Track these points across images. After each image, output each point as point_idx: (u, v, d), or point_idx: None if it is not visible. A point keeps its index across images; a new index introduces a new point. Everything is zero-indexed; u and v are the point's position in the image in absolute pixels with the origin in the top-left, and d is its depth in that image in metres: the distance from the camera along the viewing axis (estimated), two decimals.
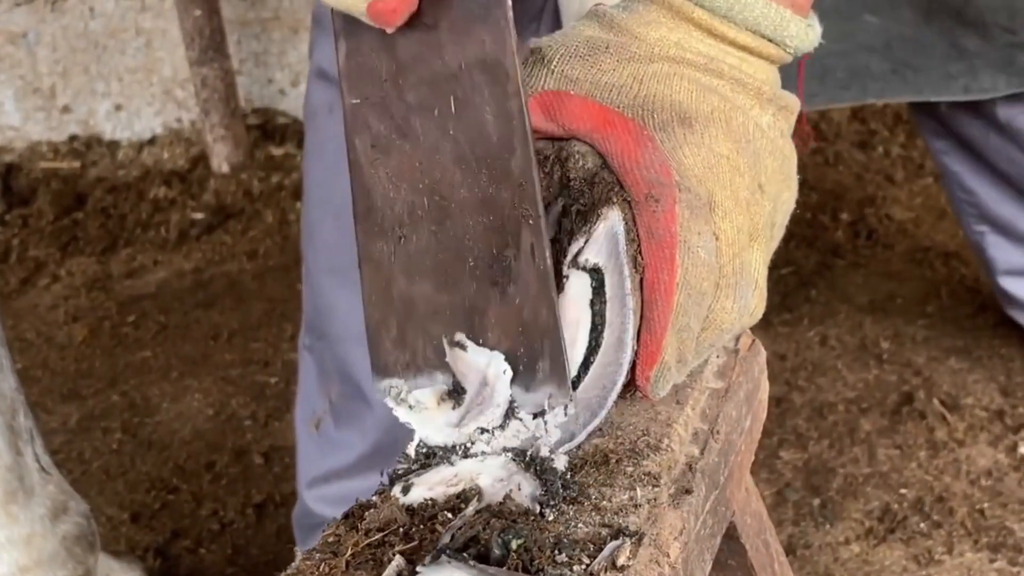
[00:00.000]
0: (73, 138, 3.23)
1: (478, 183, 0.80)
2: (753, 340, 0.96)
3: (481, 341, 0.81)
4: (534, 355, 0.80)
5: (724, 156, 0.85)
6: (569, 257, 0.82)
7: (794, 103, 0.91)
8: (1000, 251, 1.95)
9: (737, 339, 0.94)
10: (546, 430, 0.80)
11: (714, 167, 0.84)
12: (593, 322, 0.82)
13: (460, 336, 0.81)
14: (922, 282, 2.28)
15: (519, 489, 0.76)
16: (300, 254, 2.54)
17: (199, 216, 2.90)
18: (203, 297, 2.59)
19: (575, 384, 0.81)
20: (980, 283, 2.23)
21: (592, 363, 0.81)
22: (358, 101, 0.82)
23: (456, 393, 0.81)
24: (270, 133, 3.14)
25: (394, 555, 0.72)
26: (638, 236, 0.82)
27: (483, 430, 0.80)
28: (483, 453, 0.80)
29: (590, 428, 0.81)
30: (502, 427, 0.80)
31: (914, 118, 1.99)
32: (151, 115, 3.22)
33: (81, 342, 2.47)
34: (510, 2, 0.78)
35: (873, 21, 1.68)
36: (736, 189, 0.85)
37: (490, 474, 0.78)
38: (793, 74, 1.00)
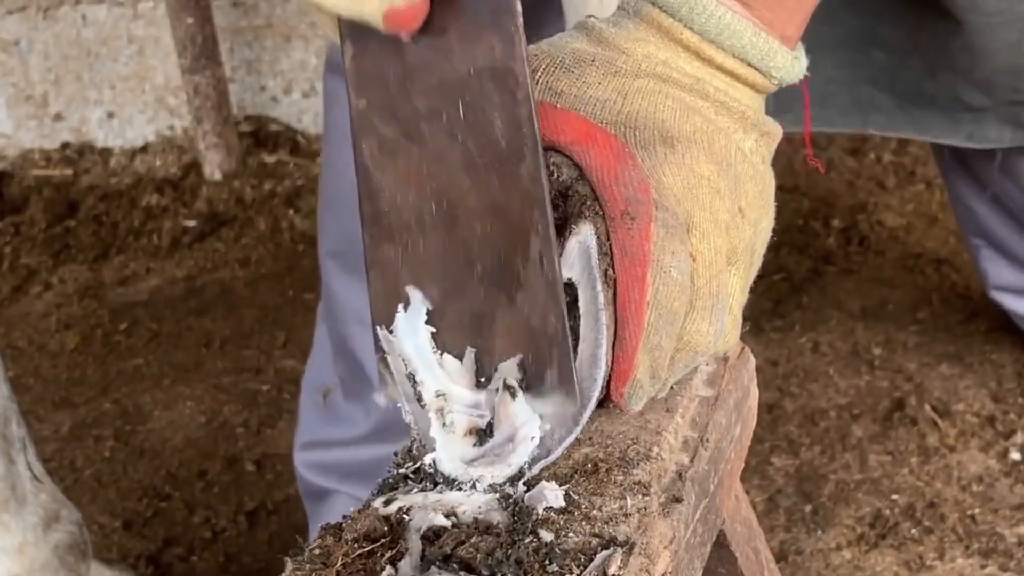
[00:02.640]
0: (65, 146, 3.23)
1: (487, 189, 0.79)
2: (743, 348, 0.96)
3: (488, 349, 0.80)
4: (542, 363, 0.80)
5: (705, 177, 0.85)
6: None
7: (776, 130, 0.91)
8: (993, 266, 1.96)
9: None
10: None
11: (694, 188, 0.84)
12: None
13: (513, 381, 0.80)
14: (914, 288, 2.28)
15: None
16: (293, 262, 2.55)
17: (191, 223, 2.90)
18: (195, 304, 2.59)
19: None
20: (971, 290, 2.23)
21: None
22: (365, 104, 0.81)
23: (485, 433, 0.81)
24: (263, 140, 3.14)
25: (385, 565, 0.72)
26: (611, 252, 0.82)
27: (491, 487, 0.79)
28: (472, 487, 0.79)
29: (566, 444, 0.81)
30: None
31: None
32: (143, 123, 3.22)
33: (73, 350, 2.46)
34: (520, 8, 0.78)
35: (881, 58, 1.67)
36: (716, 211, 0.85)
37: (471, 508, 0.78)
38: (796, 97, 1.00)
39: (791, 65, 0.90)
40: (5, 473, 1.36)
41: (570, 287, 0.81)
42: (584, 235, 0.81)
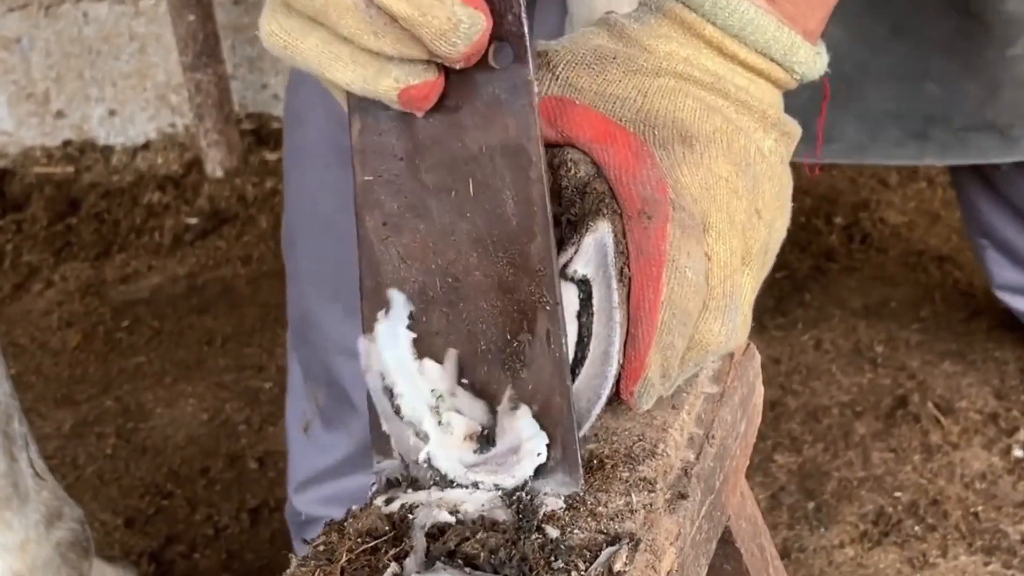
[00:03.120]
0: (67, 143, 3.23)
1: (494, 267, 0.79)
2: (748, 344, 0.96)
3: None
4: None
5: (723, 178, 0.84)
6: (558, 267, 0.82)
7: (796, 130, 0.91)
8: (998, 267, 1.96)
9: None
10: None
11: (711, 188, 0.84)
12: (580, 334, 0.81)
13: (520, 402, 0.80)
14: (916, 286, 2.28)
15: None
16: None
17: (193, 221, 2.89)
18: (197, 302, 2.59)
19: None
20: (974, 287, 2.23)
21: (578, 375, 0.81)
22: (371, 178, 0.80)
23: (485, 441, 0.81)
24: (264, 138, 3.14)
25: (389, 561, 0.72)
26: (627, 250, 0.82)
27: (495, 486, 0.79)
28: (473, 486, 0.79)
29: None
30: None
31: None
32: (145, 120, 3.22)
33: (75, 347, 2.46)
34: (536, 89, 0.77)
35: (935, 90, 1.64)
36: (732, 211, 0.84)
37: (475, 505, 0.77)
38: (844, 126, 0.98)
39: (813, 60, 0.90)
40: (7, 471, 1.36)
41: (584, 284, 0.81)
42: (601, 232, 0.81)
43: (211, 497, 1.99)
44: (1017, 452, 1.84)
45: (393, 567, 0.71)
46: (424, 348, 0.81)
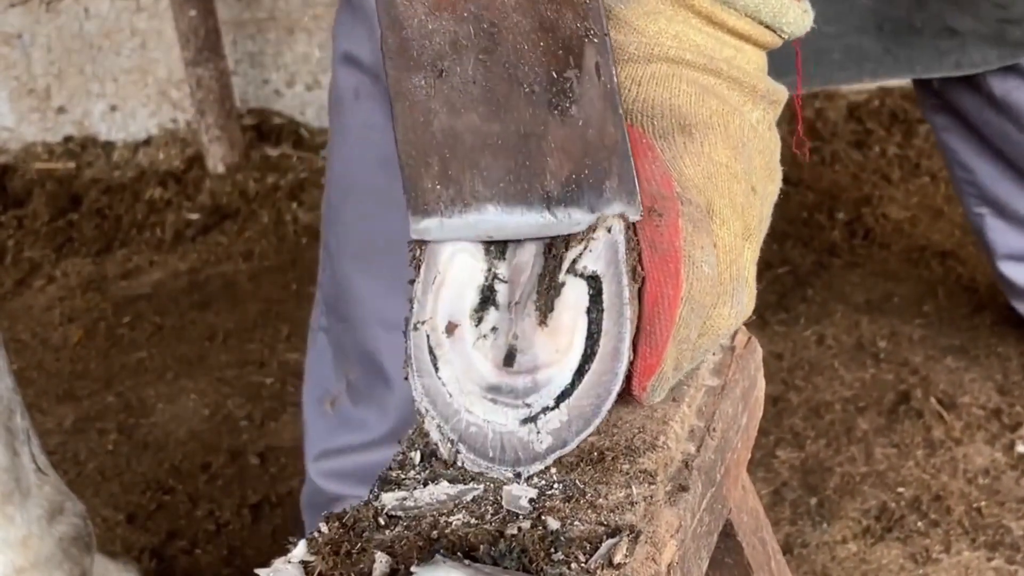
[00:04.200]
0: (68, 139, 3.23)
1: (534, 6, 0.77)
2: (749, 338, 0.96)
3: (540, 167, 0.78)
4: (600, 174, 0.78)
5: (723, 164, 0.85)
6: (566, 264, 0.81)
7: (783, 95, 0.91)
8: (999, 234, 1.95)
9: (733, 336, 0.94)
10: (538, 436, 0.79)
11: (713, 176, 0.84)
12: (589, 330, 0.81)
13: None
14: (919, 281, 2.28)
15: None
16: (296, 255, 2.53)
17: (194, 217, 2.89)
18: (199, 298, 2.59)
19: (569, 392, 0.80)
20: (977, 282, 2.23)
21: (587, 371, 0.81)
22: None
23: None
24: (265, 134, 3.14)
25: (388, 553, 0.71)
26: (639, 246, 0.81)
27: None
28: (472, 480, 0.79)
29: (583, 436, 0.80)
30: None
31: (916, 93, 2.00)
32: (146, 116, 3.22)
33: (76, 343, 2.46)
34: None
35: (866, 3, 1.70)
36: (733, 196, 0.85)
37: (474, 497, 0.77)
38: (791, 61, 1.00)
39: (800, 19, 0.90)
40: (9, 466, 1.36)
41: (595, 280, 0.80)
42: (613, 229, 0.81)
43: (212, 493, 1.99)
44: (1020, 447, 1.84)
45: (386, 559, 0.71)
46: (458, 99, 0.78)
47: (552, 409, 0.79)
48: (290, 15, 3.10)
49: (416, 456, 0.82)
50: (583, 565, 0.70)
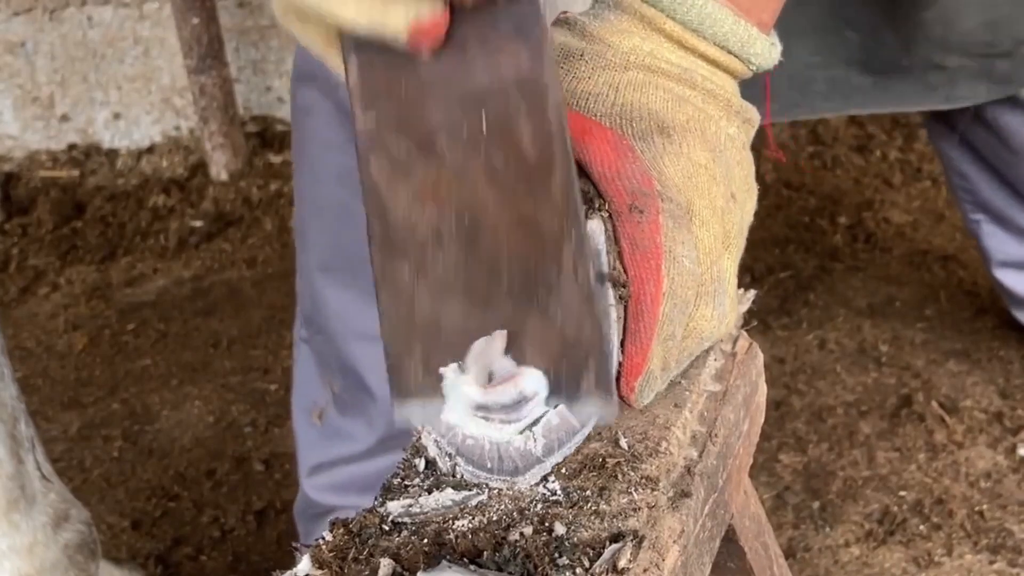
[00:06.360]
0: (72, 147, 3.24)
1: (514, 202, 0.77)
2: (751, 344, 0.96)
3: (517, 360, 0.79)
4: (577, 371, 0.78)
5: (702, 165, 0.85)
6: None
7: (756, 116, 0.92)
8: (995, 241, 1.96)
9: (734, 342, 0.95)
10: (534, 439, 0.80)
11: (693, 176, 0.85)
12: None
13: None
14: (920, 285, 2.28)
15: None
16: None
17: (198, 224, 2.90)
18: (203, 305, 2.59)
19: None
20: (978, 286, 2.23)
21: None
22: (373, 121, 0.78)
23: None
24: (268, 140, 3.15)
25: (393, 559, 0.72)
26: (619, 246, 0.82)
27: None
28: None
29: (576, 440, 0.80)
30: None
31: None
32: (149, 123, 3.23)
33: (81, 350, 2.47)
34: (547, 18, 0.76)
35: (854, 37, 1.69)
36: (713, 198, 0.85)
37: (479, 503, 0.78)
38: (761, 87, 1.01)
39: (768, 51, 0.91)
40: (14, 473, 1.36)
41: None
42: (594, 232, 0.81)
43: (217, 499, 2.00)
44: (1022, 451, 1.84)
45: (391, 565, 0.71)
46: (440, 289, 0.79)
47: (544, 415, 0.79)
48: None
49: (420, 463, 0.82)
50: (587, 570, 0.71)
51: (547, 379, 0.79)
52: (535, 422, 0.79)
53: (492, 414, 0.79)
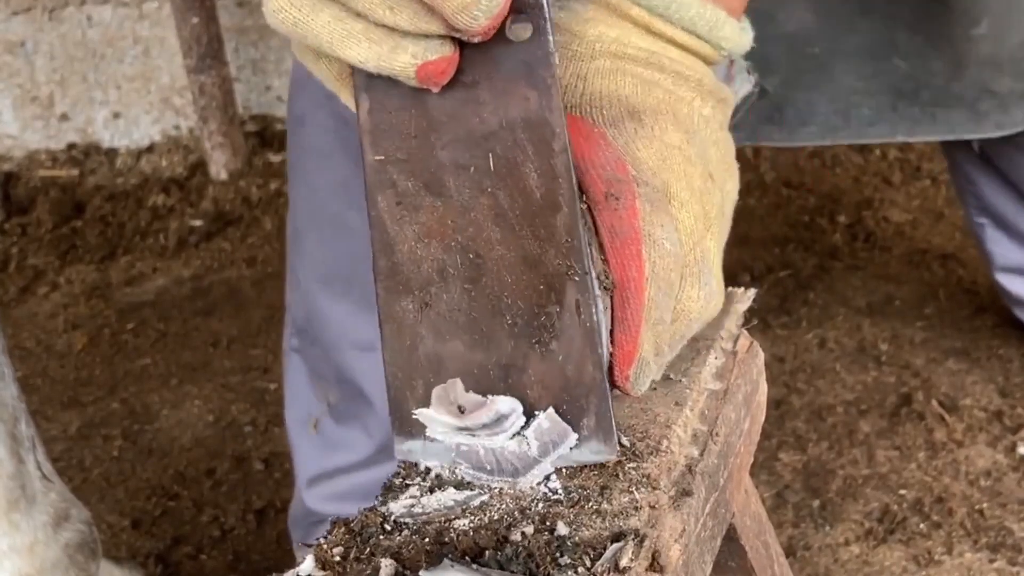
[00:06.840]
0: (71, 146, 3.24)
1: (518, 241, 0.78)
2: (751, 342, 0.96)
3: (520, 399, 0.80)
4: (578, 412, 0.79)
5: (676, 147, 0.85)
6: None
7: (731, 96, 0.92)
8: (998, 246, 1.95)
9: (735, 341, 0.95)
10: (527, 443, 0.80)
11: (668, 158, 0.84)
12: None
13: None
14: (920, 284, 2.28)
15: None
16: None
17: (198, 223, 2.90)
18: (202, 304, 2.59)
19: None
20: (978, 285, 2.23)
21: None
22: (382, 158, 0.79)
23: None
24: (268, 140, 3.15)
25: (394, 558, 0.72)
26: (599, 237, 0.82)
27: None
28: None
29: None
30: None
31: None
32: (149, 123, 3.23)
33: (81, 350, 2.47)
34: (556, 60, 0.76)
35: (903, 66, 1.65)
36: (690, 179, 0.85)
37: (480, 502, 0.78)
38: (818, 108, 0.99)
39: (739, 36, 0.91)
40: (15, 472, 1.36)
41: None
42: None
43: (217, 498, 2.00)
44: (1022, 449, 1.85)
45: (392, 564, 0.71)
46: (443, 326, 0.80)
47: (534, 419, 0.80)
48: None
49: (421, 464, 0.82)
50: (589, 569, 0.71)
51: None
52: (525, 426, 0.79)
53: (476, 432, 0.79)
